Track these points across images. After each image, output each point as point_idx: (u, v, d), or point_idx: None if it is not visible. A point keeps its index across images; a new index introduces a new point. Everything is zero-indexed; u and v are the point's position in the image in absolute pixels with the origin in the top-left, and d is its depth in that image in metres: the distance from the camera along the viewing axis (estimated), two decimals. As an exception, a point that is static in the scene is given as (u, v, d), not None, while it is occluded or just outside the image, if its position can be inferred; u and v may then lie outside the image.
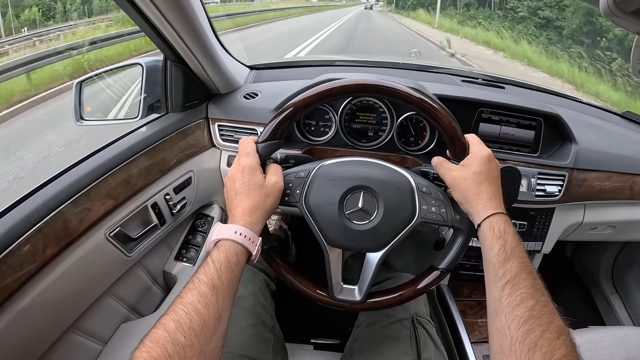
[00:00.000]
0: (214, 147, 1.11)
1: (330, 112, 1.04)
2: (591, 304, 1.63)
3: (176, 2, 0.74)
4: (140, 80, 1.01)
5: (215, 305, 0.51)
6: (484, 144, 0.68)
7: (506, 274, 0.54)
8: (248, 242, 0.58)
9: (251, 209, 0.61)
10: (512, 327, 0.50)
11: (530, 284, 0.53)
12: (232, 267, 0.55)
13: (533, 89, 1.35)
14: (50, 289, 0.70)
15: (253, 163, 0.64)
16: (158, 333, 0.46)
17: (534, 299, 0.51)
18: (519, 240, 0.58)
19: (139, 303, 1.00)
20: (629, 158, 1.15)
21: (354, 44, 11.02)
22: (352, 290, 0.69)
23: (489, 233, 0.59)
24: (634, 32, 0.63)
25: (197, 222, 1.15)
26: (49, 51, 5.50)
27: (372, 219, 0.65)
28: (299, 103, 0.67)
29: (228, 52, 1.06)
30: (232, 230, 0.58)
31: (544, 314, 0.50)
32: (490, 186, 0.63)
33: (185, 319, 0.48)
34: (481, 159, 0.65)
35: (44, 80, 5.13)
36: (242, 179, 0.63)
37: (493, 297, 0.55)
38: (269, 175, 0.65)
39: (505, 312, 0.52)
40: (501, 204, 0.62)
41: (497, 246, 0.57)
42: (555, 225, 1.12)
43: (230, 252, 0.56)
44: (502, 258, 0.56)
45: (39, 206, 0.68)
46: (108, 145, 0.88)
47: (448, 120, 0.67)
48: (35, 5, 12.23)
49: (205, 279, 0.53)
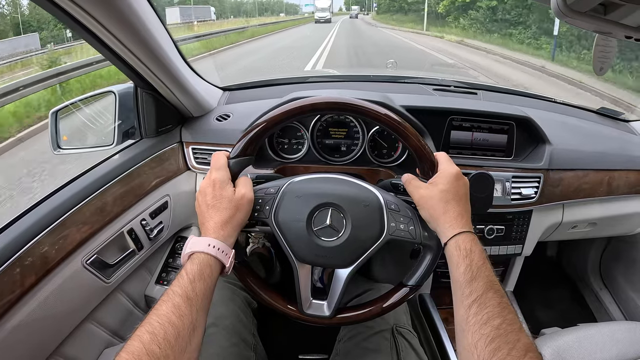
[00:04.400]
0: (189, 171, 1.12)
1: (302, 130, 1.05)
2: (581, 301, 1.63)
3: (136, 31, 0.75)
4: (114, 107, 1.02)
5: (190, 316, 0.52)
6: (452, 162, 0.68)
7: (472, 293, 0.55)
8: (221, 254, 0.60)
9: (223, 223, 0.62)
10: (478, 345, 0.50)
11: (497, 303, 0.54)
12: (206, 278, 0.57)
13: (506, 92, 1.36)
14: (30, 317, 0.71)
15: (224, 177, 0.66)
16: (133, 345, 0.47)
17: (501, 317, 0.52)
18: (486, 258, 0.59)
19: (122, 328, 1.00)
20: (605, 154, 1.15)
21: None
22: (321, 305, 0.70)
23: (456, 252, 0.59)
24: (591, 31, 0.64)
25: (177, 245, 1.16)
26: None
27: (340, 235, 0.65)
28: (269, 121, 0.69)
29: (198, 74, 1.08)
30: (205, 243, 0.59)
31: (511, 332, 0.51)
32: (457, 205, 0.63)
33: (159, 330, 0.49)
34: (449, 177, 0.65)
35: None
36: (213, 193, 0.64)
37: (460, 316, 0.56)
38: (238, 188, 0.66)
39: (472, 331, 0.52)
40: (468, 222, 0.63)
41: (463, 265, 0.58)
42: (534, 227, 1.13)
43: (203, 265, 0.57)
44: (469, 277, 0.56)
45: (16, 237, 0.70)
46: (83, 174, 0.89)
47: (416, 138, 0.67)
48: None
49: (179, 290, 0.54)
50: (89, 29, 0.70)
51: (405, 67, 7.66)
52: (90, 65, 6.21)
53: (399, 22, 29.69)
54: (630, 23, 0.52)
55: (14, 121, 4.66)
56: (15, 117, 4.72)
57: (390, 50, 12.80)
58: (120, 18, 0.70)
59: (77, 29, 0.69)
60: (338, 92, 1.15)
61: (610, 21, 0.52)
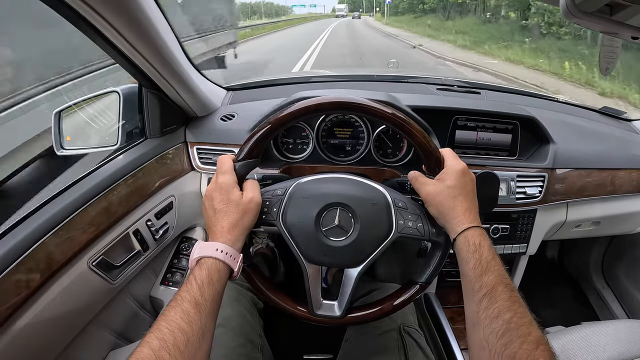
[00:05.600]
0: (193, 171, 1.12)
1: (307, 130, 1.05)
2: (584, 300, 1.64)
3: (144, 31, 0.75)
4: (117, 107, 1.02)
5: (199, 322, 0.52)
6: (458, 158, 0.68)
7: (483, 288, 0.55)
8: (229, 259, 0.59)
9: (230, 227, 0.62)
10: (490, 340, 0.50)
11: (507, 297, 0.54)
12: (215, 284, 0.56)
13: (509, 92, 1.37)
14: (35, 319, 0.70)
15: (230, 181, 0.65)
16: (143, 352, 0.47)
17: (512, 312, 0.52)
18: (495, 253, 0.59)
19: (127, 329, 1.00)
20: (608, 153, 1.16)
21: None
22: (332, 305, 0.70)
23: (465, 247, 0.59)
24: (598, 31, 0.64)
25: (182, 246, 1.15)
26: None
27: (349, 235, 0.65)
28: (275, 122, 0.68)
29: (203, 74, 1.07)
30: (213, 247, 0.59)
31: (522, 325, 0.51)
32: (465, 200, 0.63)
33: (169, 337, 0.48)
34: (455, 173, 0.65)
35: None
36: (220, 197, 0.63)
37: (471, 311, 0.56)
38: (245, 192, 0.65)
39: (483, 325, 0.52)
40: (476, 217, 0.63)
41: (473, 260, 0.58)
42: (539, 226, 1.13)
43: (212, 270, 0.57)
44: (479, 271, 0.56)
45: (21, 239, 0.69)
46: (88, 175, 0.88)
47: (422, 135, 0.67)
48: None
49: (188, 296, 0.53)
50: (97, 28, 0.70)
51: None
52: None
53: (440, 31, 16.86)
54: (636, 24, 0.52)
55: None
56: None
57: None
58: (129, 18, 0.70)
59: (84, 28, 0.69)
60: (346, 91, 1.15)
61: (617, 22, 0.52)
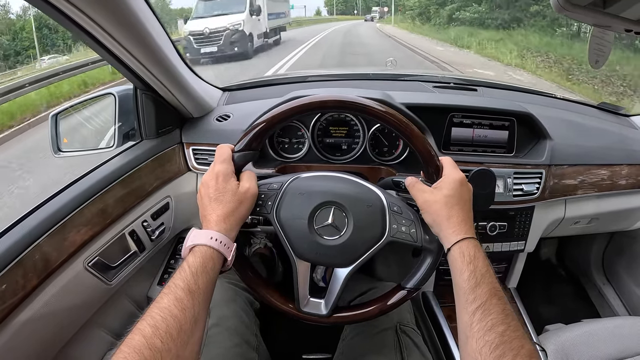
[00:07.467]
0: (190, 171, 1.12)
1: (302, 129, 1.05)
2: (584, 297, 1.63)
3: (135, 32, 0.75)
4: (114, 109, 1.02)
5: (192, 309, 0.52)
6: (457, 167, 0.68)
7: (477, 299, 0.55)
8: (223, 247, 0.59)
9: (226, 216, 0.62)
10: (483, 352, 0.50)
11: (501, 309, 0.54)
12: (208, 271, 0.56)
13: (506, 88, 1.36)
14: (32, 320, 0.71)
15: (227, 170, 0.65)
16: (135, 339, 0.47)
17: (505, 324, 0.52)
18: (489, 265, 0.59)
19: (124, 330, 1.00)
20: (606, 149, 1.15)
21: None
22: (319, 304, 0.70)
23: (459, 258, 0.59)
24: (589, 24, 0.64)
25: (179, 247, 1.16)
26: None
27: (341, 234, 0.65)
28: (275, 117, 0.69)
29: (198, 75, 1.07)
30: (207, 235, 0.59)
31: (515, 338, 0.51)
32: (461, 210, 0.63)
33: (162, 324, 0.48)
34: (453, 183, 0.65)
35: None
36: (216, 186, 0.64)
37: (464, 322, 0.56)
38: (242, 182, 0.66)
39: (476, 338, 0.52)
40: (472, 228, 0.63)
41: (467, 271, 0.58)
42: (537, 223, 1.13)
43: (206, 257, 0.57)
44: (473, 283, 0.56)
45: (17, 240, 0.70)
46: (84, 176, 0.88)
47: (423, 142, 0.67)
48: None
49: (181, 283, 0.53)
50: (87, 31, 0.69)
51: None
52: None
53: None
54: (630, 16, 0.52)
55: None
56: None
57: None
58: (118, 19, 0.70)
59: (75, 31, 0.69)
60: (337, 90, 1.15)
61: (610, 14, 0.52)
